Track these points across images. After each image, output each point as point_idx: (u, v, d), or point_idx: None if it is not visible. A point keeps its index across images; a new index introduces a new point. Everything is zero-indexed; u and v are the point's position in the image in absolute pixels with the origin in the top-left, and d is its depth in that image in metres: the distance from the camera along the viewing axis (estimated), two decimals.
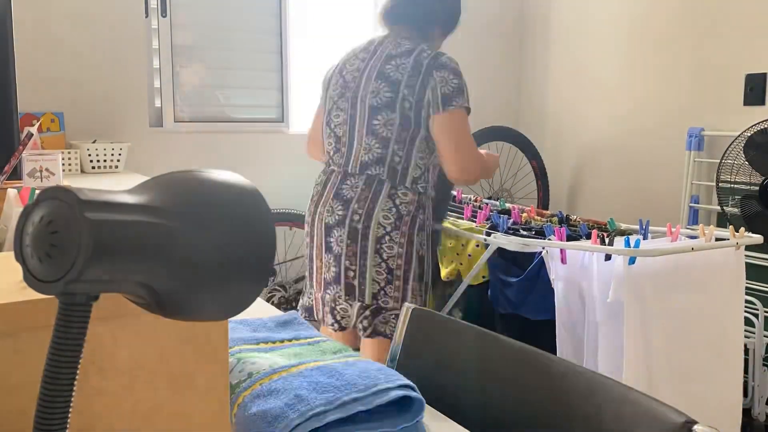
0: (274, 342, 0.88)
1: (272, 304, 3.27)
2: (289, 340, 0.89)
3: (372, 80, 1.90)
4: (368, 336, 1.94)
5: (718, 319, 1.89)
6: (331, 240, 1.95)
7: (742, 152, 2.58)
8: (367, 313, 1.93)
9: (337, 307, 1.98)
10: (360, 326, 1.95)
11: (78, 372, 0.39)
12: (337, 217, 1.93)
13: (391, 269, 1.92)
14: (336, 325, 1.99)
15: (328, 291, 1.99)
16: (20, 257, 0.40)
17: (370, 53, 1.96)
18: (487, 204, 2.60)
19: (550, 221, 2.32)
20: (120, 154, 2.78)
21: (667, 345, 1.81)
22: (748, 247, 2.10)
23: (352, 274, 1.93)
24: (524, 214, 2.39)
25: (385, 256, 1.91)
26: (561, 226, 2.08)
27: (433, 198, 2.01)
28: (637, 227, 2.07)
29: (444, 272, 2.42)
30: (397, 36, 1.96)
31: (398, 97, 1.87)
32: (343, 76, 1.98)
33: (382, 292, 1.92)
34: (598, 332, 1.84)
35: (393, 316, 1.93)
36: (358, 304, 1.94)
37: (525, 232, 2.14)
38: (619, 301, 1.76)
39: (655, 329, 1.79)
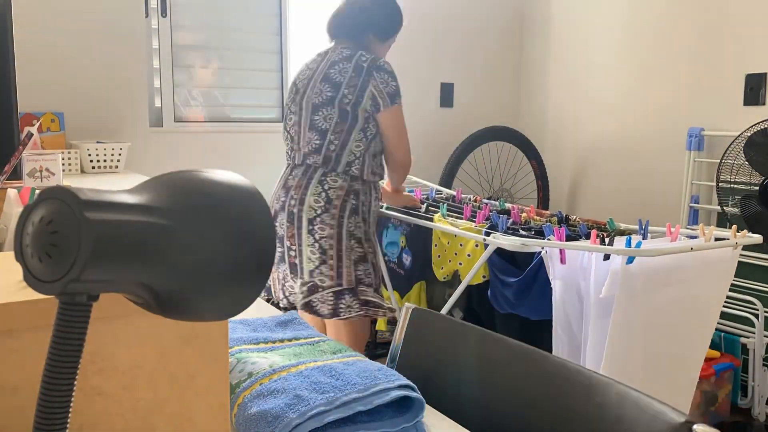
0: (273, 342, 0.88)
1: (272, 304, 3.27)
2: (289, 340, 0.89)
3: (317, 83, 2.21)
4: (304, 310, 2.20)
5: (700, 311, 1.91)
6: (276, 224, 2.24)
7: (742, 152, 2.58)
8: (304, 289, 2.19)
9: (286, 284, 2.29)
10: (300, 301, 2.21)
11: (78, 372, 0.39)
12: (280, 203, 2.24)
13: (323, 249, 2.17)
14: (285, 301, 2.29)
15: (279, 269, 2.30)
16: (20, 257, 0.40)
17: (317, 63, 2.27)
18: (486, 204, 2.60)
19: (550, 221, 2.32)
20: (120, 154, 2.78)
21: (648, 334, 1.83)
22: (748, 247, 2.10)
23: (293, 253, 2.21)
24: (524, 214, 2.39)
25: (317, 236, 2.16)
26: (560, 226, 2.08)
27: (374, 183, 2.29)
28: (637, 227, 2.07)
29: (441, 273, 2.42)
30: (339, 46, 2.27)
31: (338, 95, 2.17)
32: (296, 84, 2.30)
33: (317, 270, 2.17)
34: (589, 328, 1.85)
35: (330, 294, 2.17)
36: (299, 281, 2.21)
37: (524, 232, 2.14)
38: (612, 296, 1.76)
39: (641, 320, 1.80)
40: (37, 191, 1.09)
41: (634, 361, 1.81)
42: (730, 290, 2.75)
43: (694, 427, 0.73)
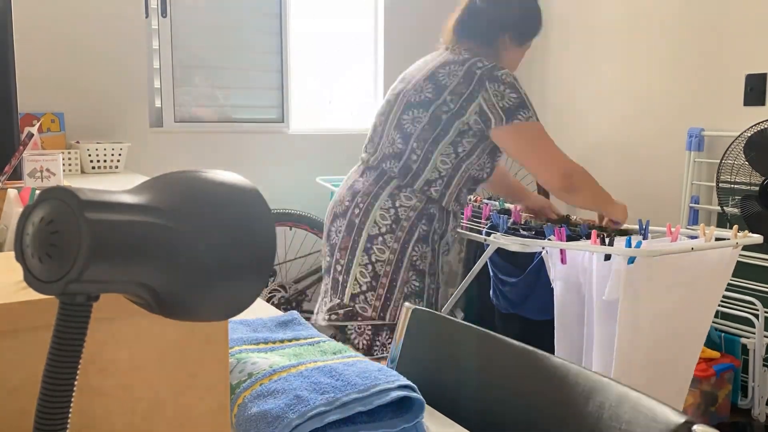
0: (274, 342, 0.88)
1: (272, 304, 3.27)
2: (289, 340, 0.89)
3: (421, 80, 1.90)
4: (332, 336, 1.85)
5: (699, 312, 1.91)
6: (332, 229, 1.94)
7: (742, 152, 2.58)
8: (340, 312, 1.86)
9: (325, 299, 1.96)
10: (328, 322, 1.88)
11: (78, 372, 0.39)
12: (342, 207, 1.92)
13: (377, 274, 1.83)
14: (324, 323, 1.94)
15: (324, 281, 1.98)
16: (20, 257, 0.40)
17: (432, 57, 1.98)
18: (487, 204, 2.60)
19: (550, 221, 2.32)
20: (120, 155, 2.78)
21: (656, 339, 1.82)
22: (748, 247, 2.10)
23: (339, 268, 1.89)
24: (524, 214, 2.39)
25: (373, 258, 1.83)
26: (561, 227, 2.08)
27: (455, 212, 1.96)
28: (637, 227, 2.07)
29: None
30: (461, 47, 1.94)
31: (438, 100, 1.85)
32: (404, 75, 2.01)
33: (362, 296, 1.83)
34: (594, 331, 1.85)
35: (368, 327, 1.84)
36: (337, 300, 1.88)
37: (525, 232, 2.14)
38: (615, 299, 1.76)
39: (647, 325, 1.80)
40: (38, 191, 1.09)
41: (640, 365, 1.81)
42: (731, 290, 2.75)
43: (694, 427, 0.73)
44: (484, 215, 2.33)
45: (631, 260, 1.74)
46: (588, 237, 2.04)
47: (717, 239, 1.92)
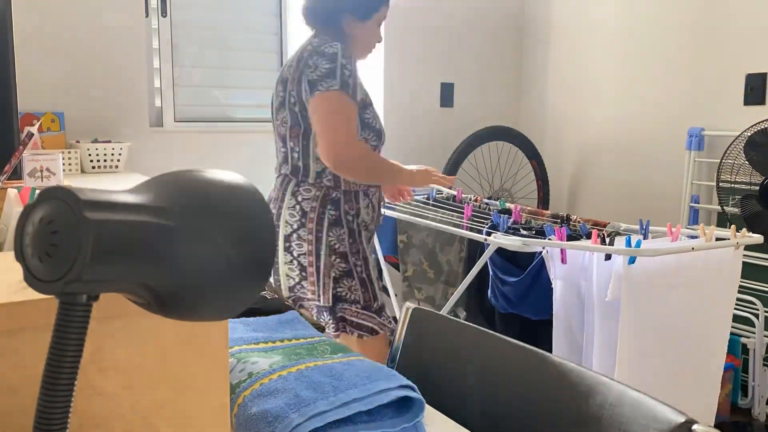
0: (274, 342, 0.88)
1: None
2: (289, 340, 0.89)
3: (277, 83, 1.95)
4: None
5: (709, 315, 1.90)
6: None
7: (742, 152, 2.57)
8: (290, 301, 1.96)
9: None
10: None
11: (78, 372, 0.39)
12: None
13: (303, 266, 1.91)
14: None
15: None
16: (20, 257, 0.40)
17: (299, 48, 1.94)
18: (487, 204, 2.60)
19: (554, 219, 2.32)
20: (120, 154, 2.78)
21: (661, 342, 1.82)
22: (748, 247, 2.10)
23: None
24: (524, 214, 2.39)
25: (295, 253, 1.91)
26: (561, 226, 2.08)
27: (364, 191, 1.95)
28: (637, 227, 2.07)
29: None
30: (315, 32, 1.93)
31: (286, 95, 1.88)
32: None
33: (299, 285, 1.93)
34: (595, 331, 1.85)
35: (313, 308, 1.97)
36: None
37: (525, 232, 2.14)
38: (617, 299, 1.76)
39: (651, 327, 1.79)
40: (38, 191, 1.09)
41: (647, 367, 1.80)
42: None
43: (694, 426, 0.73)
44: (471, 210, 2.33)
45: (632, 260, 1.74)
46: (588, 237, 2.04)
47: (717, 239, 1.92)
